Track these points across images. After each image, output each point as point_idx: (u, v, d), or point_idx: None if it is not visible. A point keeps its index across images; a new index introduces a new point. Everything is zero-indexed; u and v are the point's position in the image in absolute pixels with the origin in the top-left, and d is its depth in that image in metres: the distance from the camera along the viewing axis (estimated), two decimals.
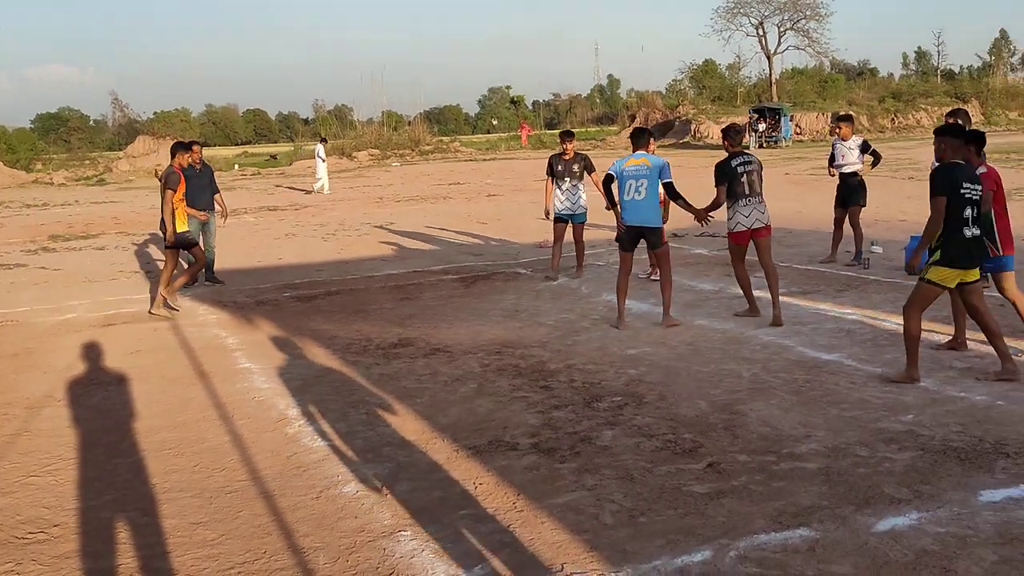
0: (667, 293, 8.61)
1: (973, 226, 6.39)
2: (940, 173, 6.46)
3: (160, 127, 54.10)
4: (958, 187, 6.36)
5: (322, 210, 22.98)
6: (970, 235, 6.38)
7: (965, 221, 6.37)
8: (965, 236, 6.38)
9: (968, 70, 78.52)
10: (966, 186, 6.36)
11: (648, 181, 8.56)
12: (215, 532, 4.55)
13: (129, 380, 7.57)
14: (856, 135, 12.05)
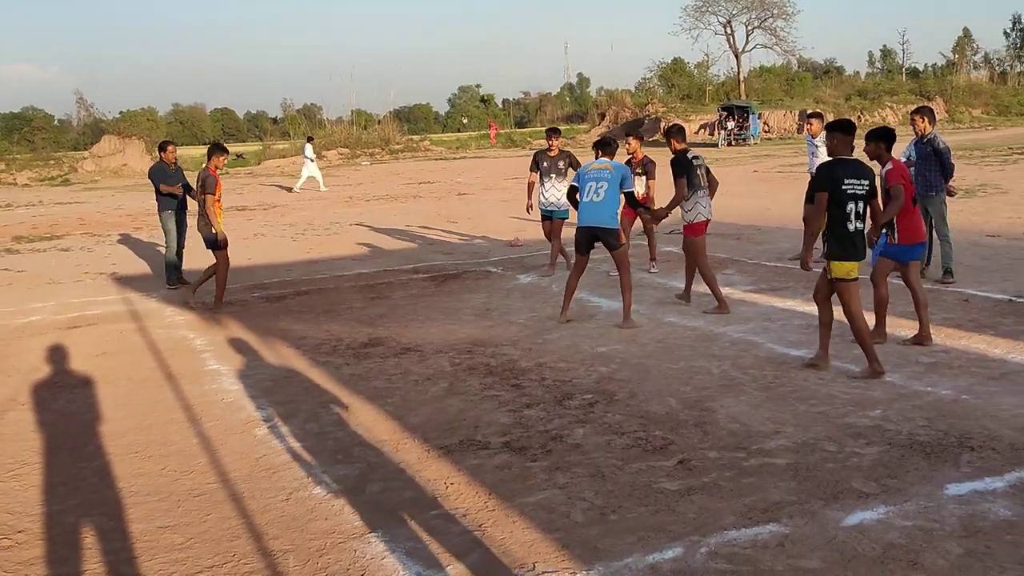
0: (627, 296, 8.59)
1: (857, 220, 6.56)
2: (822, 170, 6.68)
3: (126, 127, 53.44)
4: (839, 183, 6.53)
5: (291, 209, 22.85)
6: (853, 229, 6.57)
7: (848, 216, 6.54)
8: (848, 230, 6.56)
9: (932, 68, 79.38)
10: (848, 182, 6.52)
11: (608, 185, 8.60)
12: (183, 536, 4.51)
13: (95, 383, 7.49)
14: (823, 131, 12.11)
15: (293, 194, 28.06)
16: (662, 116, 57.33)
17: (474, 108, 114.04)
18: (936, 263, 10.01)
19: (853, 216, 6.54)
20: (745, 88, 63.00)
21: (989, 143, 34.38)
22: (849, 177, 6.54)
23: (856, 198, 6.53)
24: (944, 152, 9.59)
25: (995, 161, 25.40)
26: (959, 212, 13.70)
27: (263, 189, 31.05)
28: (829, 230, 6.63)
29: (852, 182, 6.52)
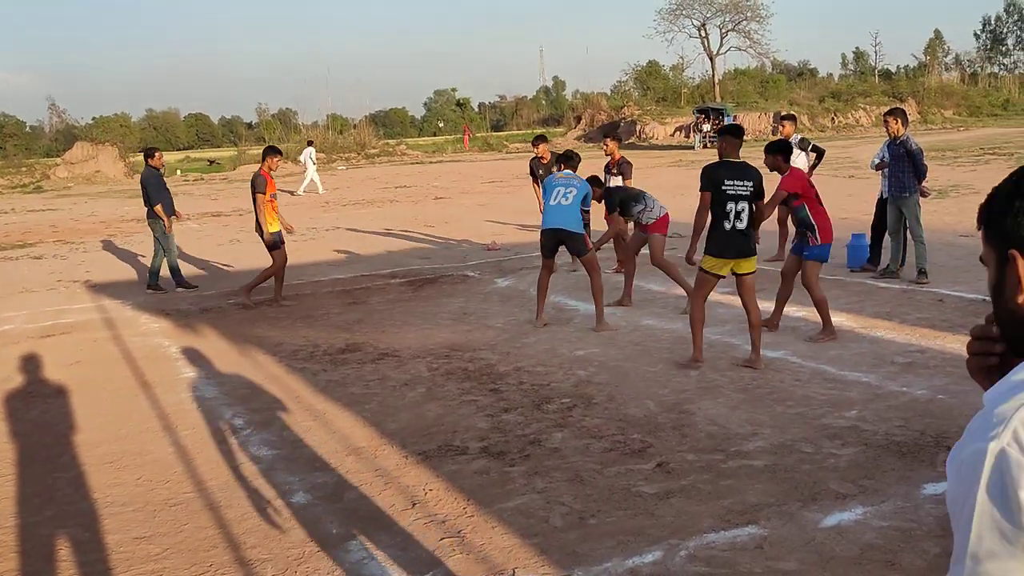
0: (598, 300, 8.61)
1: (736, 220, 6.86)
2: (705, 171, 7.05)
3: (99, 133, 53.14)
4: (720, 183, 6.88)
5: None
6: (730, 228, 6.89)
7: (727, 215, 6.88)
8: (725, 229, 6.89)
9: (905, 70, 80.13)
10: (728, 183, 6.86)
11: (577, 192, 8.69)
12: (159, 547, 4.46)
13: (69, 392, 7.41)
14: (796, 134, 12.19)
15: (318, 194, 28.74)
16: (638, 119, 57.55)
17: (450, 112, 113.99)
18: (910, 263, 10.10)
19: (732, 216, 6.86)
20: (720, 90, 63.31)
21: (961, 144, 34.72)
22: (730, 178, 6.87)
23: (737, 198, 6.85)
24: (917, 153, 9.68)
25: (967, 162, 25.65)
26: (932, 213, 13.82)
27: (239, 194, 30.88)
28: (711, 227, 6.97)
29: (734, 183, 6.86)
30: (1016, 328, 1.25)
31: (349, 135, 56.05)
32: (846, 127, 55.15)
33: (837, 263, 11.20)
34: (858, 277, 10.42)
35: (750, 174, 6.93)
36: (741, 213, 6.88)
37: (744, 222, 6.90)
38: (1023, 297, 1.21)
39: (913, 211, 9.81)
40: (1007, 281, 1.24)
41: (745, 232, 6.93)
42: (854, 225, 12.89)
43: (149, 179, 12.24)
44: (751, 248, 7.03)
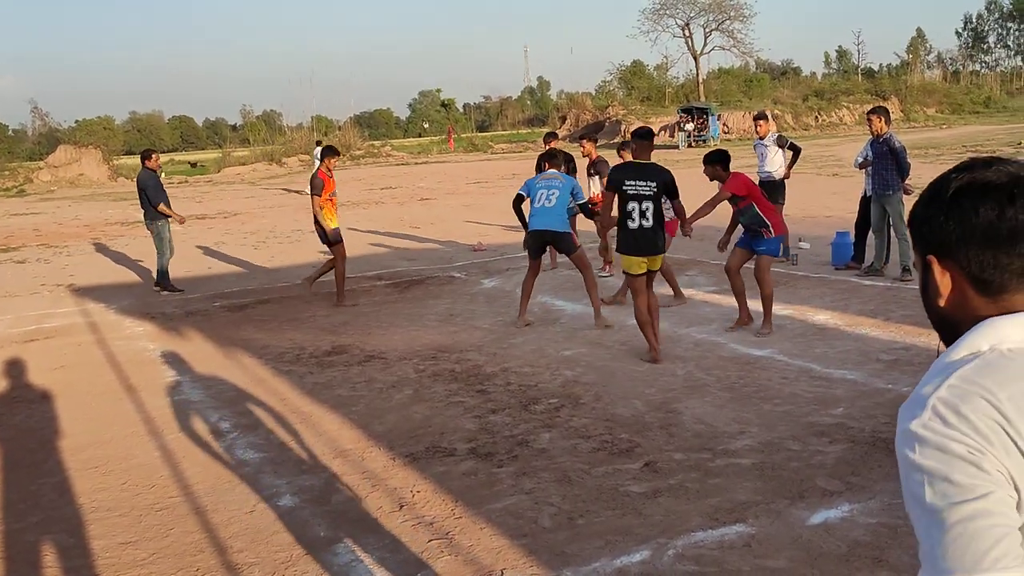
0: (593, 296, 8.67)
1: (641, 219, 7.17)
2: (611, 172, 7.52)
3: (82, 136, 52.69)
4: (622, 184, 7.22)
5: (252, 217, 22.66)
6: (634, 226, 7.22)
7: (629, 214, 7.22)
8: (630, 227, 7.23)
9: (887, 68, 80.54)
10: (629, 183, 7.20)
11: (560, 192, 8.73)
12: (145, 552, 4.44)
13: (53, 397, 7.36)
14: (772, 132, 12.21)
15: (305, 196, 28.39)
16: (622, 118, 57.62)
17: (435, 113, 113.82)
18: (894, 261, 10.15)
19: (636, 214, 7.19)
20: (704, 90, 63.47)
21: (943, 141, 34.93)
22: (632, 179, 7.21)
23: (640, 198, 7.15)
24: (900, 151, 9.72)
25: (950, 159, 25.79)
26: None
27: (224, 196, 30.76)
28: (619, 227, 7.33)
29: (635, 183, 7.17)
30: (942, 326, 1.34)
31: (334, 136, 55.91)
32: (829, 125, 55.39)
33: (822, 261, 11.25)
34: (843, 275, 10.46)
35: (652, 175, 7.25)
36: (647, 212, 7.19)
37: (650, 220, 7.19)
38: (942, 300, 1.31)
39: (897, 209, 9.86)
40: (928, 284, 1.32)
41: (652, 229, 7.21)
42: (838, 223, 12.97)
43: (148, 181, 12.19)
44: (657, 245, 7.31)
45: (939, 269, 1.30)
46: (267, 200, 28.11)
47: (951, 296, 1.30)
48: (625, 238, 7.29)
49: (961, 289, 1.29)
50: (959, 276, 1.28)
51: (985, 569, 1.10)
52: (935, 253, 1.30)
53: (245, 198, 29.65)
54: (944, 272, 1.29)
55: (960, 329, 1.29)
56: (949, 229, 1.28)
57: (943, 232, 1.28)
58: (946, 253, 1.29)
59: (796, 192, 12.45)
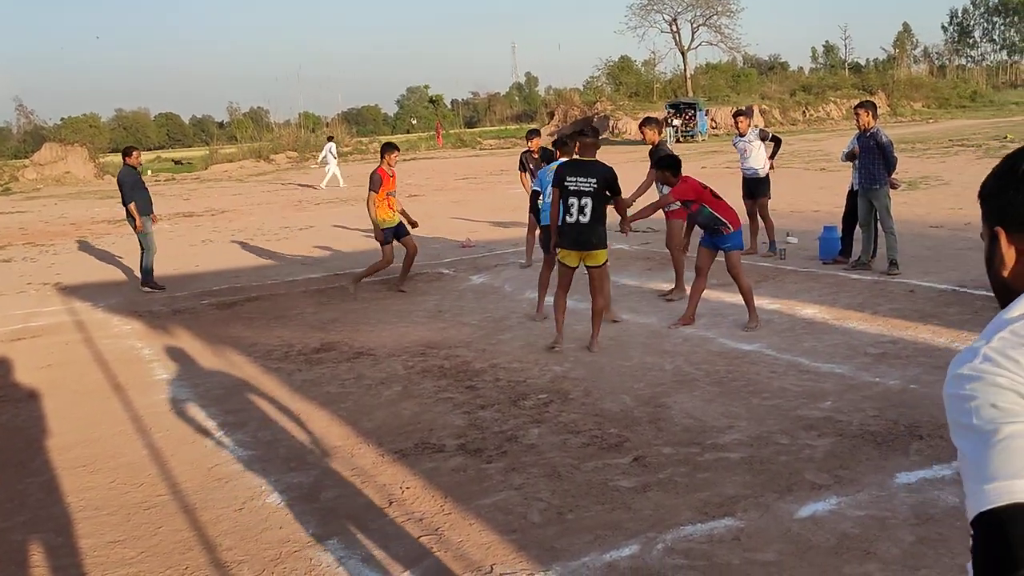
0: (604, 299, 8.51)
1: (579, 214, 7.38)
2: (557, 168, 7.70)
3: (68, 134, 52.44)
4: (563, 180, 7.45)
5: (240, 215, 22.58)
6: (571, 221, 7.41)
7: (568, 209, 7.42)
8: (567, 222, 7.44)
9: (874, 63, 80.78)
10: (570, 179, 7.40)
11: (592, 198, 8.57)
12: (134, 550, 4.42)
13: (40, 396, 7.33)
14: (752, 127, 12.24)
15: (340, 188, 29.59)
16: (610, 114, 57.65)
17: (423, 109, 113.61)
18: (882, 255, 10.18)
19: (575, 210, 7.38)
20: (692, 85, 63.54)
21: (930, 136, 35.05)
22: (572, 175, 7.40)
23: (580, 194, 7.34)
24: (887, 146, 9.75)
25: (936, 153, 25.89)
26: (903, 204, 13.94)
27: (212, 194, 30.65)
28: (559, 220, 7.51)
29: (576, 179, 7.37)
30: (1003, 292, 1.38)
31: (321, 133, 55.77)
32: (817, 120, 55.49)
33: (809, 256, 11.28)
34: (830, 269, 10.49)
35: (593, 172, 7.39)
36: (585, 208, 7.35)
37: (587, 216, 7.35)
38: (1006, 271, 1.35)
39: (883, 203, 9.88)
40: (994, 254, 1.37)
41: (587, 225, 7.36)
42: (826, 217, 13.00)
43: (126, 178, 12.13)
44: (590, 241, 7.41)
45: (1006, 242, 1.34)
46: (255, 197, 28.02)
47: (1016, 267, 1.34)
48: (561, 231, 7.50)
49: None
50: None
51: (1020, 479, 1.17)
52: (1004, 226, 1.35)
53: (232, 195, 29.56)
54: (1011, 245, 1.34)
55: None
56: (1018, 204, 1.32)
57: (1013, 207, 1.33)
58: (1014, 227, 1.33)
59: (783, 187, 12.51)
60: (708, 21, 67.13)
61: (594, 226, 7.38)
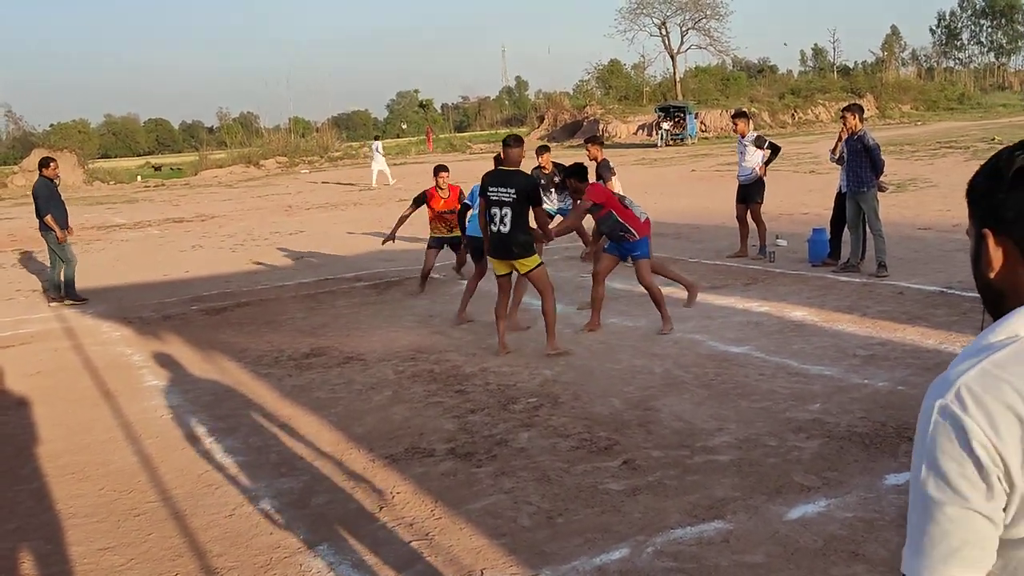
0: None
1: (500, 224, 7.45)
2: (483, 178, 7.75)
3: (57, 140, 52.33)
4: (486, 190, 7.55)
5: (230, 220, 22.54)
6: (495, 231, 7.50)
7: (491, 218, 7.51)
8: (491, 231, 7.54)
9: (863, 66, 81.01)
10: (492, 189, 7.48)
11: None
12: (123, 557, 4.41)
13: (30, 403, 7.31)
14: (752, 131, 12.28)
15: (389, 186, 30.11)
16: (600, 118, 57.71)
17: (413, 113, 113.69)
18: (870, 257, 10.22)
19: (497, 220, 7.45)
20: (682, 88, 63.62)
21: (918, 138, 35.17)
22: (494, 185, 7.47)
23: (500, 204, 7.39)
24: (874, 149, 9.79)
25: (924, 155, 25.98)
26: (891, 206, 13.98)
27: (201, 200, 30.57)
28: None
29: (496, 189, 7.42)
30: (989, 294, 1.38)
31: (312, 138, 55.71)
32: (806, 123, 55.63)
33: (798, 258, 11.32)
34: (819, 272, 10.53)
35: (512, 182, 7.40)
36: (505, 218, 7.41)
37: (507, 226, 7.40)
38: (992, 271, 1.35)
39: (872, 205, 9.93)
40: (981, 255, 1.36)
41: (508, 235, 7.40)
42: (815, 220, 13.04)
43: (40, 190, 11.96)
44: (511, 250, 7.45)
45: (993, 243, 1.33)
46: (245, 203, 27.97)
47: (1002, 269, 1.34)
48: (491, 241, 7.59)
49: (1013, 264, 1.33)
50: (1013, 251, 1.32)
51: (949, 565, 1.23)
52: (991, 227, 1.34)
53: (222, 201, 29.49)
54: (998, 246, 1.33)
55: (1005, 300, 1.34)
56: (1008, 205, 1.31)
57: (1002, 208, 1.32)
58: (1002, 228, 1.32)
59: (773, 189, 12.54)
60: (697, 25, 67.24)
61: (514, 235, 7.41)
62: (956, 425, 1.22)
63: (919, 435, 1.29)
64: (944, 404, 1.25)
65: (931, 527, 1.24)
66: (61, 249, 11.92)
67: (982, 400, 1.22)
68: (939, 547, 1.23)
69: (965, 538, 1.22)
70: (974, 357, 1.28)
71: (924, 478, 1.25)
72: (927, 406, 1.28)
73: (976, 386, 1.23)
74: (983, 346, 1.29)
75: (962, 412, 1.22)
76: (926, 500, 1.25)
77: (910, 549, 1.28)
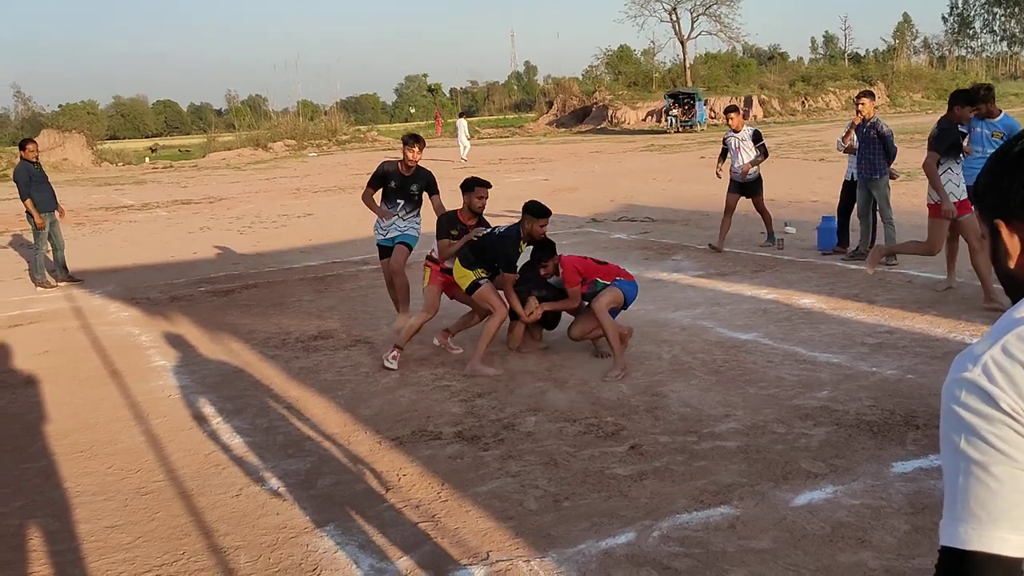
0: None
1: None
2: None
3: (66, 120, 52.40)
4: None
5: (238, 202, 22.54)
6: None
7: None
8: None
9: (874, 53, 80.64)
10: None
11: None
12: (131, 535, 4.43)
13: (38, 382, 7.33)
14: (747, 126, 12.19)
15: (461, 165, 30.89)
16: (609, 104, 57.55)
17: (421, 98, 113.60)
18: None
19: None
20: (691, 75, 63.40)
21: (929, 126, 34.93)
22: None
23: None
24: (888, 136, 9.75)
25: None
26: (901, 195, 13.93)
27: (210, 182, 30.58)
28: None
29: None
30: (1011, 283, 1.37)
31: (320, 122, 55.62)
32: (816, 111, 55.44)
33: (807, 246, 11.29)
34: (828, 259, 10.50)
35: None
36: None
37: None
38: (1012, 262, 1.34)
39: (883, 193, 9.88)
40: (998, 247, 1.36)
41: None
42: (824, 208, 12.99)
43: (19, 174, 11.85)
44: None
45: (1007, 232, 1.33)
46: (253, 185, 27.97)
47: (1021, 257, 1.33)
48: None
49: None
50: None
51: (1000, 526, 1.20)
52: (1002, 217, 1.33)
53: (231, 183, 29.50)
54: (1012, 234, 1.33)
55: None
56: (1013, 191, 1.31)
57: (1008, 195, 1.32)
58: (1013, 216, 1.32)
59: (783, 177, 12.48)
60: (708, 10, 66.88)
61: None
62: (983, 395, 1.22)
63: (947, 410, 1.28)
64: (970, 377, 1.25)
65: (978, 489, 1.21)
66: (37, 235, 11.83)
67: (1008, 370, 1.22)
68: (988, 508, 1.20)
69: (1015, 499, 1.20)
70: (999, 333, 1.28)
71: (963, 446, 1.23)
72: (952, 379, 1.28)
73: (1000, 360, 1.24)
74: (1010, 321, 1.29)
75: (989, 383, 1.22)
76: (969, 465, 1.23)
77: (951, 517, 1.24)
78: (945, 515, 1.26)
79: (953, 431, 1.26)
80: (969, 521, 1.21)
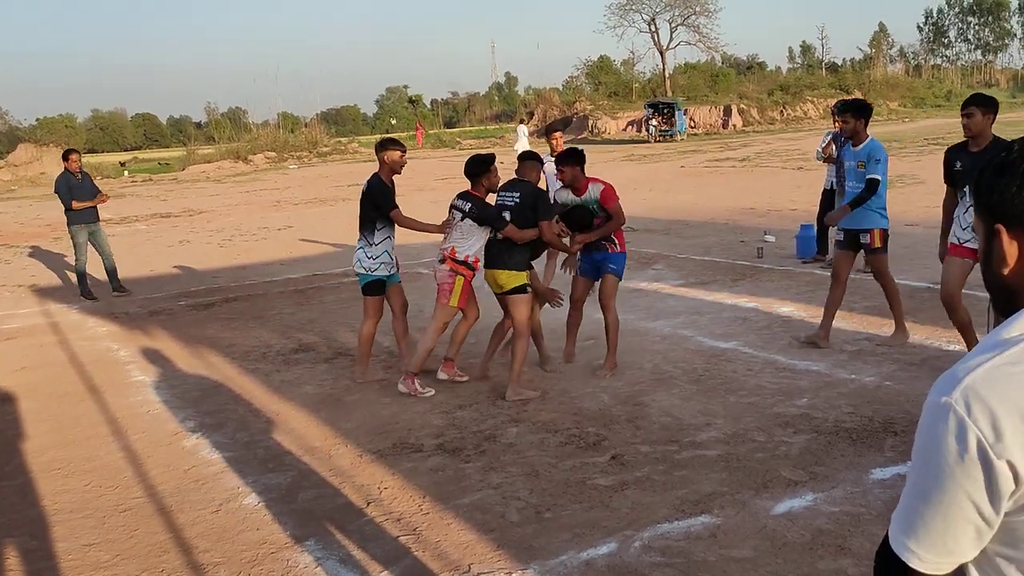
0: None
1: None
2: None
3: (43, 134, 52.05)
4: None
5: (218, 215, 22.45)
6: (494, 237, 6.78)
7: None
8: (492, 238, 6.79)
9: (851, 62, 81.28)
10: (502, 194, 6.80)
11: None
12: (109, 553, 4.39)
13: (15, 398, 7.26)
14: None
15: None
16: (590, 113, 57.78)
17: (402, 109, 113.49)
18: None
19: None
20: (671, 85, 63.75)
21: (906, 134, 35.29)
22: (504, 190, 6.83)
23: (503, 208, 6.71)
24: None
25: (912, 152, 26.10)
26: None
27: (189, 195, 30.44)
28: None
29: (504, 194, 6.79)
30: (1001, 292, 1.36)
31: (300, 134, 55.55)
32: (794, 119, 55.81)
33: (786, 254, 11.34)
34: (808, 268, 10.55)
35: (517, 187, 6.78)
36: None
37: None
38: (1007, 268, 1.33)
39: None
40: (993, 252, 1.35)
41: (499, 242, 6.71)
42: (803, 216, 13.08)
43: (59, 186, 11.81)
44: (502, 260, 6.70)
45: (1007, 238, 1.32)
46: (232, 198, 27.87)
47: (1017, 265, 1.32)
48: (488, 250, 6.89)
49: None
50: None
51: (936, 549, 1.28)
52: (1004, 223, 1.32)
53: (210, 196, 29.38)
54: (1012, 241, 1.32)
55: (1018, 297, 1.33)
56: (1021, 200, 1.30)
57: (1014, 203, 1.30)
58: (1015, 223, 1.31)
59: (762, 186, 12.53)
60: (686, 21, 67.46)
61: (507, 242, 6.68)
62: (958, 425, 1.23)
63: (923, 426, 1.29)
64: (948, 402, 1.25)
65: (926, 511, 1.27)
66: (77, 247, 11.80)
67: (986, 402, 1.22)
68: (931, 530, 1.27)
69: (955, 528, 1.25)
70: (985, 354, 1.27)
71: (928, 466, 1.27)
72: (932, 401, 1.28)
73: (981, 387, 1.23)
74: (996, 342, 1.28)
75: (965, 414, 1.22)
76: (926, 485, 1.27)
77: (901, 525, 1.32)
78: (898, 513, 1.32)
79: (923, 447, 1.28)
80: (913, 538, 1.29)
